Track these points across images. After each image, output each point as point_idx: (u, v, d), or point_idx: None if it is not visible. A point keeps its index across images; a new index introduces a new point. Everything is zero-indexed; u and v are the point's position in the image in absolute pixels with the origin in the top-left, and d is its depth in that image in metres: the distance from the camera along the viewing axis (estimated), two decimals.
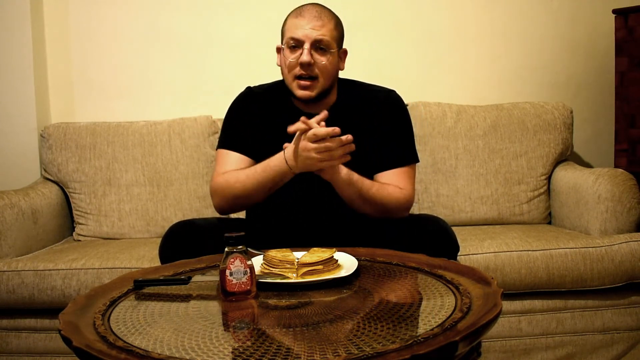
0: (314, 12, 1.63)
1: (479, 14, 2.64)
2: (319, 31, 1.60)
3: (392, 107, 1.74)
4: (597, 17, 2.62)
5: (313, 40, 1.60)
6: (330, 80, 1.66)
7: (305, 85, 1.62)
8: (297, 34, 1.61)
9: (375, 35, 2.60)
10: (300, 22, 1.61)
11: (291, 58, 1.62)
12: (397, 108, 1.74)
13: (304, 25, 1.61)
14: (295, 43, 1.61)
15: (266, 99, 1.75)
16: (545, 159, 2.34)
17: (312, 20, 1.61)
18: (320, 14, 1.63)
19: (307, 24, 1.61)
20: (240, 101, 1.78)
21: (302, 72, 1.61)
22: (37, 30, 2.47)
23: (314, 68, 1.61)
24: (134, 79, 2.59)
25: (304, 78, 1.62)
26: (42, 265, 1.88)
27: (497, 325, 1.84)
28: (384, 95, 1.75)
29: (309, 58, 1.59)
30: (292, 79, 1.64)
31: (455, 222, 2.27)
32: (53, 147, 2.35)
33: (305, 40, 1.60)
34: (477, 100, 2.52)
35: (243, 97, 1.78)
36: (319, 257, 1.29)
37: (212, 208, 2.31)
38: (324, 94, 1.67)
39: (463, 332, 0.94)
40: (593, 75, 2.68)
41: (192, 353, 0.93)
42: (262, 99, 1.76)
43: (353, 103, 1.72)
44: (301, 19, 1.62)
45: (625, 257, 1.86)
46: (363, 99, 1.72)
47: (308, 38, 1.60)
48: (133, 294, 1.25)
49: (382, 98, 1.74)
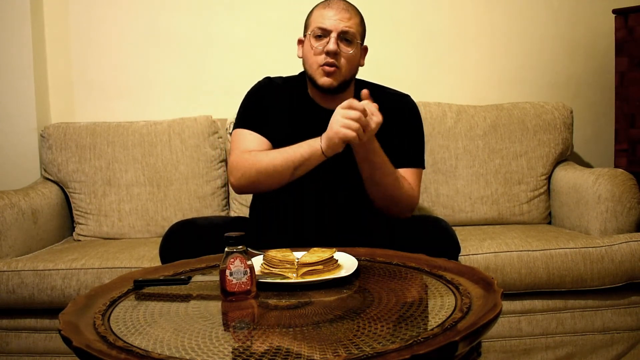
0: (342, 4, 1.67)
1: (479, 14, 2.64)
2: (346, 22, 1.64)
3: (408, 110, 1.78)
4: (597, 17, 2.62)
5: (340, 31, 1.63)
6: (351, 73, 1.69)
7: (330, 72, 1.64)
8: (324, 23, 1.64)
9: (375, 35, 2.59)
10: (328, 13, 1.65)
11: (317, 45, 1.64)
12: (413, 112, 1.78)
13: (332, 16, 1.64)
14: (322, 32, 1.64)
15: (284, 90, 1.76)
16: (545, 159, 2.34)
17: (340, 11, 1.65)
18: (347, 7, 1.68)
19: (335, 15, 1.64)
20: (260, 88, 1.79)
21: (328, 60, 1.63)
22: (37, 30, 2.47)
23: (339, 57, 1.64)
24: (134, 79, 2.60)
25: (329, 65, 1.64)
26: (42, 265, 1.88)
27: (497, 325, 1.84)
28: (399, 98, 1.79)
29: (336, 47, 1.62)
30: (317, 67, 1.65)
31: (455, 222, 2.27)
32: (53, 147, 2.35)
33: (333, 30, 1.63)
34: (477, 100, 2.52)
35: (262, 84, 1.79)
36: (319, 257, 1.28)
37: (212, 208, 2.34)
38: (343, 87, 1.69)
39: (463, 332, 0.94)
40: (593, 75, 2.68)
41: (192, 353, 0.93)
42: (280, 89, 1.77)
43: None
44: (329, 9, 1.66)
45: (625, 257, 1.86)
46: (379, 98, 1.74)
47: (335, 28, 1.63)
48: (133, 294, 1.25)
49: (397, 101, 1.77)
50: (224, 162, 2.39)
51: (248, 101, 1.77)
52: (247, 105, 1.76)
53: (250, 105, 1.76)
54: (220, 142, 2.39)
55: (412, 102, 1.80)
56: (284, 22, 2.57)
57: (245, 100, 1.78)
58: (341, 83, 1.66)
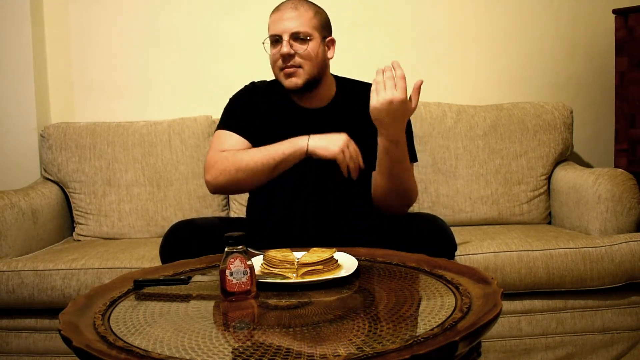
0: (289, 4, 1.67)
1: (479, 14, 2.64)
2: (295, 22, 1.64)
3: None
4: (597, 17, 2.62)
5: (291, 33, 1.64)
6: (316, 69, 1.68)
7: (290, 73, 1.65)
8: (275, 29, 1.66)
9: (375, 35, 2.60)
10: (277, 17, 1.67)
11: (274, 52, 1.66)
12: None
13: (280, 20, 1.66)
14: (276, 38, 1.66)
15: (267, 93, 1.78)
16: (545, 159, 2.34)
17: (288, 11, 1.65)
18: (296, 5, 1.67)
19: (282, 17, 1.65)
20: (244, 92, 1.80)
21: (285, 63, 1.65)
22: (37, 30, 2.47)
23: (295, 58, 1.64)
24: (134, 79, 2.60)
25: (287, 67, 1.65)
26: (42, 265, 1.88)
27: (497, 325, 1.84)
28: None
29: (288, 49, 1.63)
30: (279, 71, 1.68)
31: (455, 222, 2.27)
32: (53, 147, 2.35)
33: (283, 34, 1.64)
34: (477, 100, 2.52)
35: (246, 89, 1.81)
36: (319, 257, 1.28)
37: (212, 208, 2.34)
38: (314, 84, 1.69)
39: (463, 332, 0.94)
40: (593, 75, 2.68)
41: (192, 353, 0.93)
42: (263, 92, 1.78)
43: (353, 98, 1.73)
44: (277, 13, 1.67)
45: (625, 257, 1.86)
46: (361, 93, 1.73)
47: (284, 30, 1.64)
48: (133, 294, 1.25)
49: None
50: None
51: (231, 105, 1.79)
52: (230, 108, 1.78)
53: (232, 108, 1.77)
54: None
55: None
56: None
57: (228, 104, 1.79)
58: (308, 81, 1.67)
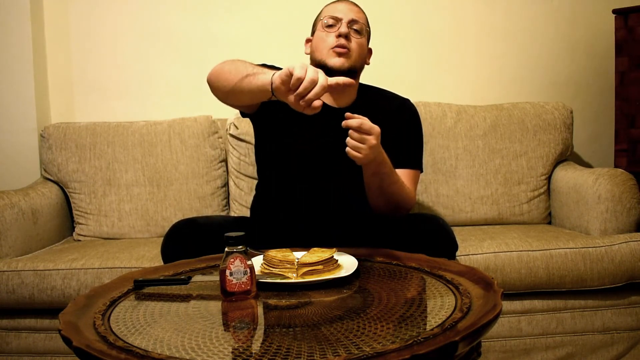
0: (350, 2, 1.76)
1: (479, 14, 2.64)
2: (356, 14, 1.71)
3: (408, 113, 1.80)
4: (597, 17, 2.62)
5: (350, 19, 1.69)
6: (359, 62, 1.72)
7: (342, 52, 1.66)
8: (335, 12, 1.70)
9: (376, 35, 2.59)
10: (339, 6, 1.73)
11: (329, 31, 1.69)
12: (413, 115, 1.81)
13: (342, 8, 1.72)
14: (333, 21, 1.69)
15: None
16: (545, 159, 2.34)
17: (348, 4, 1.74)
18: (356, 4, 1.77)
19: (345, 7, 1.72)
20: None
21: (340, 42, 1.66)
22: (37, 30, 2.47)
23: (350, 42, 1.67)
24: (134, 79, 2.60)
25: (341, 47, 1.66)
26: (42, 265, 1.88)
27: (497, 325, 1.84)
28: (399, 101, 1.82)
29: (347, 30, 1.67)
30: (328, 50, 1.68)
31: (455, 222, 2.27)
32: (53, 147, 2.35)
33: (343, 17, 1.69)
34: (477, 100, 2.52)
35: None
36: (319, 257, 1.28)
37: (212, 208, 2.34)
38: (354, 74, 1.70)
39: (463, 332, 0.94)
40: (593, 75, 2.68)
41: (192, 353, 0.93)
42: None
43: (371, 104, 1.76)
44: (339, 4, 1.74)
45: (625, 257, 1.86)
46: (381, 100, 1.78)
47: (346, 16, 1.69)
48: (133, 294, 1.25)
49: (398, 104, 1.80)
50: (224, 162, 2.39)
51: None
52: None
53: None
54: (220, 142, 2.39)
55: (412, 106, 1.83)
56: (284, 22, 2.58)
57: None
58: (352, 68, 1.68)
